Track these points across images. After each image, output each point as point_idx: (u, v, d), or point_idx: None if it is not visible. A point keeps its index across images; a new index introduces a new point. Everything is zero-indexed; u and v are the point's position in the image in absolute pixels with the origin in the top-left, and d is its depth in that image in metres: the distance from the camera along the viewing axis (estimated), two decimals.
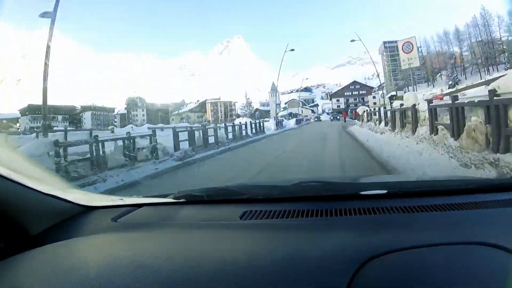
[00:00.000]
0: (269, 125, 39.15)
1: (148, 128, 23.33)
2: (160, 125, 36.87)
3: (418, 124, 12.28)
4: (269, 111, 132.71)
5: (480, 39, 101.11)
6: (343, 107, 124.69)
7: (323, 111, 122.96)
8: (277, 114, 62.48)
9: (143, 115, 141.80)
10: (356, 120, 43.54)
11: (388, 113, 19.27)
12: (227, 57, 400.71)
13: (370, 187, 1.50)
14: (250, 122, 31.44)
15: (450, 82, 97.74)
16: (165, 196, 1.69)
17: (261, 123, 32.44)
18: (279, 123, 42.25)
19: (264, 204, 1.48)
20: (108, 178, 9.36)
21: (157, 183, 9.14)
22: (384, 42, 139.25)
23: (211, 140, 18.34)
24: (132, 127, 20.92)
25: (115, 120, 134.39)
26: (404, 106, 14.62)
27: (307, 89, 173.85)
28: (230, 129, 23.51)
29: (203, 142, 17.49)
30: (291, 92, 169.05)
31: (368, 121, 25.99)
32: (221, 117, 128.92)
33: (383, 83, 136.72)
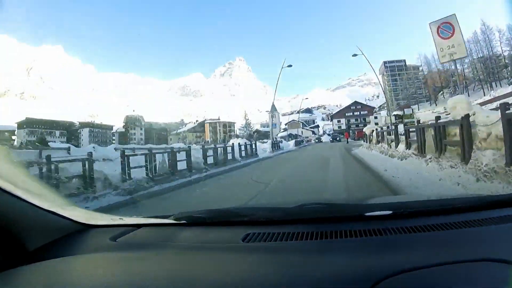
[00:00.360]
0: (266, 146, 35.11)
1: (115, 149, 19.21)
2: (133, 145, 32.26)
3: (474, 147, 7.63)
4: (269, 132, 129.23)
5: (481, 55, 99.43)
6: (345, 127, 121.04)
7: (324, 132, 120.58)
8: (276, 135, 58.49)
9: (141, 134, 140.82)
10: (361, 141, 39.50)
11: (404, 130, 15.48)
12: (229, 78, 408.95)
13: (374, 208, 1.48)
14: (243, 143, 27.58)
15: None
16: (165, 217, 1.67)
17: (254, 145, 27.95)
18: (275, 145, 37.68)
19: (266, 226, 1.46)
20: None
21: None
22: (384, 62, 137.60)
23: (183, 165, 14.54)
24: (94, 147, 16.47)
25: (113, 138, 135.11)
26: (443, 120, 10.38)
27: (308, 111, 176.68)
28: (215, 151, 19.43)
29: (169, 168, 13.50)
30: (292, 113, 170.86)
31: (378, 142, 20.93)
32: (220, 138, 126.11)
33: (384, 104, 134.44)
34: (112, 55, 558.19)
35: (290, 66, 42.91)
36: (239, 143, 26.27)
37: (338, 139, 69.76)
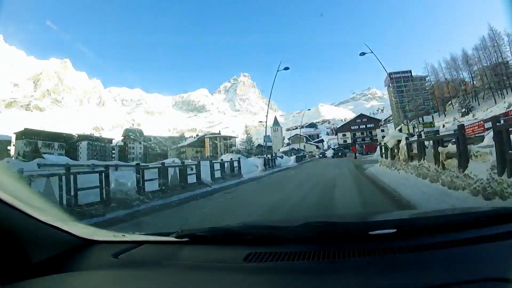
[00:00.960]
0: (258, 163, 28.65)
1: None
2: (93, 161, 25.40)
3: None
4: (272, 146, 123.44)
5: (490, 62, 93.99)
6: (350, 142, 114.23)
7: (329, 147, 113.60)
8: (278, 150, 52.11)
9: (140, 148, 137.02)
10: (372, 155, 35.59)
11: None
12: (234, 94, 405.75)
13: (378, 226, 1.47)
14: (236, 158, 22.48)
15: (463, 110, 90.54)
16: (167, 234, 1.64)
17: (238, 162, 21.18)
18: (269, 162, 30.65)
19: (269, 245, 1.41)
20: None
21: None
22: (390, 74, 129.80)
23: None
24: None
25: (113, 152, 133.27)
26: None
27: (312, 125, 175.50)
28: (173, 171, 13.16)
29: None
30: (296, 128, 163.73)
31: (410, 158, 12.39)
32: (220, 152, 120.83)
33: (389, 117, 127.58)
34: (119, 70, 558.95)
35: (287, 68, 38.83)
36: (221, 159, 21.07)
37: (340, 154, 60.58)
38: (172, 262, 1.35)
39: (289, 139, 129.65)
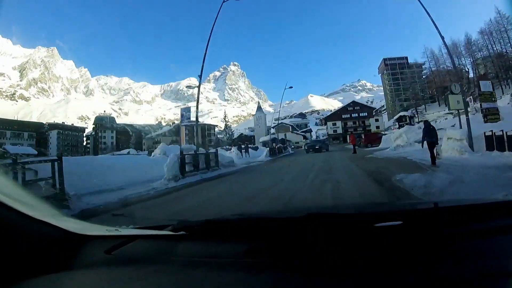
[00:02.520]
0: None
1: None
2: None
3: None
4: (254, 136, 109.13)
5: (497, 49, 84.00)
6: (341, 132, 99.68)
7: (317, 137, 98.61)
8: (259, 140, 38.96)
9: (112, 137, 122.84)
10: (386, 150, 24.40)
11: None
12: (223, 83, 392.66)
13: (384, 217, 1.34)
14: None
15: (467, 99, 72.17)
16: (163, 227, 1.53)
17: None
18: (208, 158, 16.12)
19: (271, 239, 1.33)
20: None
21: None
22: (384, 59, 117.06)
23: None
24: None
25: (88, 142, 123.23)
26: None
27: (301, 115, 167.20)
28: None
29: None
30: (285, 118, 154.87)
31: None
32: (197, 142, 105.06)
33: (381, 107, 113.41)
34: (107, 59, 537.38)
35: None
36: None
37: (318, 147, 40.43)
38: (168, 257, 1.29)
39: (273, 127, 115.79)
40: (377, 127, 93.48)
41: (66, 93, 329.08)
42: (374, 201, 5.41)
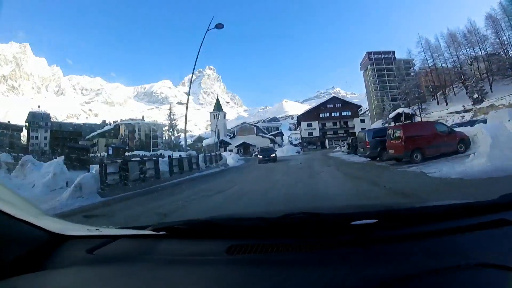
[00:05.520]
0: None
1: None
2: None
3: None
4: (223, 141, 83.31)
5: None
6: (318, 134, 74.44)
7: (290, 142, 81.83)
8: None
9: (46, 137, 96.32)
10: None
11: None
12: (198, 86, 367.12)
13: (360, 216, 1.34)
14: None
15: (475, 96, 61.12)
16: (143, 227, 1.49)
17: None
18: None
19: (250, 238, 1.32)
20: None
21: None
22: (369, 53, 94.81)
23: None
24: None
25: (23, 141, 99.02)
26: None
27: (274, 120, 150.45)
28: None
29: None
30: (258, 122, 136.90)
31: None
32: (136, 143, 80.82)
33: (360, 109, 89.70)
34: (80, 57, 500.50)
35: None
36: None
37: (268, 158, 27.32)
38: (150, 256, 1.26)
39: (233, 128, 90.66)
40: (363, 129, 69.54)
41: (37, 91, 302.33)
42: (352, 203, 5.49)
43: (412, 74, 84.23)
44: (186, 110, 24.55)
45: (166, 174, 16.21)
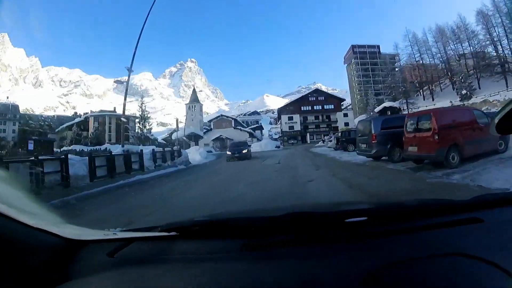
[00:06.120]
0: None
1: None
2: None
3: None
4: (194, 133, 77.49)
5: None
6: (299, 128, 69.87)
7: (271, 137, 75.83)
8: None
9: (14, 130, 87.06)
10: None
11: None
12: (179, 79, 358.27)
13: (353, 214, 1.45)
14: None
15: (463, 92, 60.19)
16: (154, 228, 1.52)
17: None
18: None
19: (260, 236, 1.38)
20: None
21: None
22: (353, 46, 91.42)
23: None
24: None
25: None
26: None
27: (255, 113, 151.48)
28: None
29: None
30: (239, 115, 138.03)
31: None
32: (108, 138, 74.68)
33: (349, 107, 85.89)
34: (59, 49, 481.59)
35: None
36: None
37: (239, 154, 22.15)
38: (166, 257, 1.27)
39: (210, 121, 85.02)
40: (346, 124, 65.76)
41: (14, 83, 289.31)
42: (344, 200, 5.84)
43: (397, 69, 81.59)
44: (126, 92, 19.13)
45: (84, 180, 11.56)
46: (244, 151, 22.16)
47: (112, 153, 14.41)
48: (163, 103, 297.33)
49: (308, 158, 19.22)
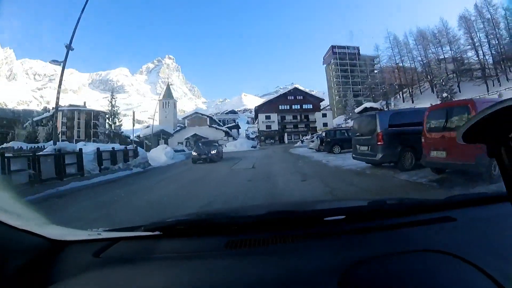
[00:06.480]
0: None
1: None
2: None
3: None
4: (163, 131, 73.46)
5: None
6: (277, 128, 67.24)
7: (247, 136, 72.93)
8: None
9: None
10: None
11: None
12: (156, 76, 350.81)
13: (332, 213, 1.54)
14: None
15: (444, 95, 57.48)
16: (137, 228, 1.50)
17: None
18: None
19: (242, 233, 1.39)
20: None
21: None
22: (333, 47, 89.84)
23: None
24: None
25: None
26: None
27: (232, 112, 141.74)
28: None
29: None
30: (216, 114, 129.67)
31: None
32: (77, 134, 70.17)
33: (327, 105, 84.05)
34: (33, 41, 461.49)
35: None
36: None
37: (205, 156, 18.87)
38: (152, 256, 1.26)
39: (184, 118, 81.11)
40: (325, 124, 63.49)
41: None
42: (323, 199, 5.76)
43: (376, 71, 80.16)
44: (61, 79, 15.69)
45: None
46: (213, 151, 18.87)
47: (36, 154, 10.98)
48: (140, 99, 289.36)
49: (289, 161, 16.21)
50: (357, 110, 56.74)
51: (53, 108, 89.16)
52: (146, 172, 15.26)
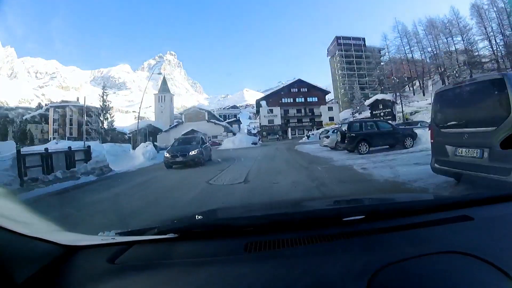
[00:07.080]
0: None
1: None
2: None
3: None
4: (152, 126, 67.82)
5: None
6: (279, 122, 62.32)
7: (249, 132, 71.28)
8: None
9: None
10: None
11: None
12: (158, 72, 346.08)
13: (350, 212, 1.50)
14: None
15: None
16: (150, 229, 1.43)
17: None
18: None
19: (260, 235, 1.34)
20: None
21: None
22: (337, 38, 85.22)
23: None
24: None
25: None
26: None
27: (234, 108, 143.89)
28: None
29: None
30: (218, 109, 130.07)
31: None
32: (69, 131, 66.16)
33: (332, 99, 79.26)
34: (35, 39, 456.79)
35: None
36: None
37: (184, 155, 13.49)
38: (168, 260, 1.22)
39: (181, 114, 76.39)
40: (331, 119, 58.66)
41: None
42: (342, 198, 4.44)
43: (382, 63, 75.10)
44: None
45: None
46: (192, 152, 13.44)
47: None
48: (141, 96, 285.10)
49: (301, 166, 10.82)
50: (367, 102, 52.08)
51: (46, 105, 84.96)
52: (97, 183, 10.19)
